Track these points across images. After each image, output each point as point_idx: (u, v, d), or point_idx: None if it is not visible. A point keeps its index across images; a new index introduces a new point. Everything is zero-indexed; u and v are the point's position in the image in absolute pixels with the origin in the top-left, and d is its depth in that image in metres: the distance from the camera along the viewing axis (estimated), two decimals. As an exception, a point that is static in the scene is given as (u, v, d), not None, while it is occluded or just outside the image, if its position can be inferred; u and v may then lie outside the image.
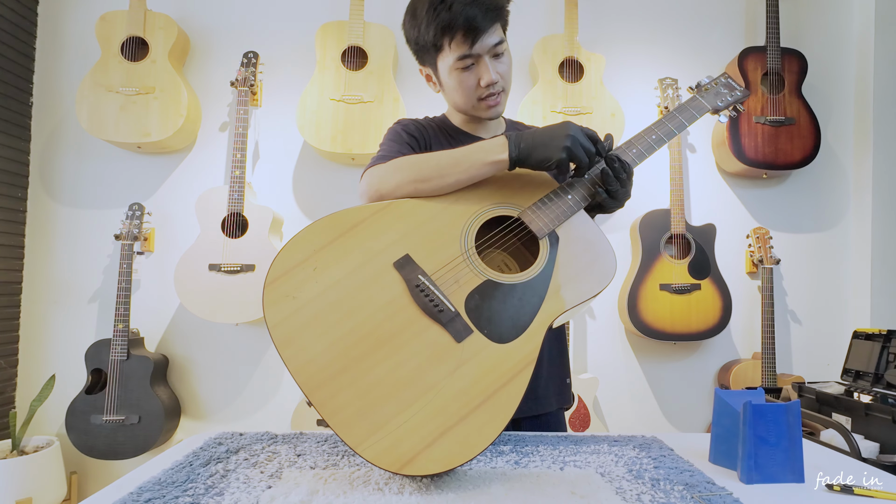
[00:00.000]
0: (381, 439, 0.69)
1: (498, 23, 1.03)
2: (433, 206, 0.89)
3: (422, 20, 1.03)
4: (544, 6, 2.62)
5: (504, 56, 1.07)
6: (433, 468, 0.68)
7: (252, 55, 2.41)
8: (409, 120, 1.17)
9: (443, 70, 1.07)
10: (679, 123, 1.01)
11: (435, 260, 0.83)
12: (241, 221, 2.30)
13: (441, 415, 0.71)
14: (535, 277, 0.84)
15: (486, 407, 0.72)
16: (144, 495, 0.68)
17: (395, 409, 0.71)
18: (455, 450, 0.69)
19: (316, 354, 0.74)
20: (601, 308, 2.56)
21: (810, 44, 2.63)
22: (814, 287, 2.61)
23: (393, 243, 0.83)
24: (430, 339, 0.76)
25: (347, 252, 0.81)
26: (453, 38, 1.01)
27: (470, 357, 0.75)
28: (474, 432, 0.70)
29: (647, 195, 2.57)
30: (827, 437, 1.71)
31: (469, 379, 0.74)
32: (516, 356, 0.76)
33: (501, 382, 0.74)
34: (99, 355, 2.26)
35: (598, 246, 0.89)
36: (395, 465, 0.68)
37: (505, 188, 0.93)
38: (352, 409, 0.71)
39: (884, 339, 1.87)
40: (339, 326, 0.76)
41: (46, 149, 2.53)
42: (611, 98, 2.42)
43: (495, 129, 1.20)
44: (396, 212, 0.87)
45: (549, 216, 0.90)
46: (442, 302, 0.79)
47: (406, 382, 0.73)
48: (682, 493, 0.70)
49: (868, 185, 2.51)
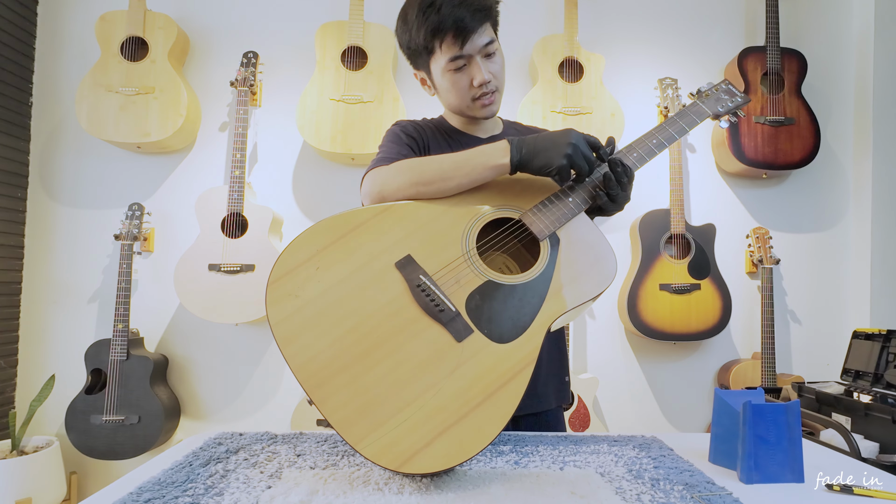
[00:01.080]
0: (381, 437, 0.69)
1: (487, 22, 1.04)
2: (435, 207, 0.89)
3: (412, 24, 1.04)
4: (544, 6, 2.62)
5: (496, 55, 1.07)
6: (432, 466, 0.68)
7: (252, 55, 2.41)
8: (407, 121, 1.18)
9: (436, 72, 1.08)
10: (680, 128, 1.02)
11: (436, 260, 0.83)
12: (241, 221, 2.30)
13: (441, 413, 0.71)
14: (535, 278, 0.84)
15: (486, 406, 0.72)
16: (144, 495, 0.68)
17: (395, 407, 0.71)
18: (454, 448, 0.69)
19: (317, 352, 0.74)
20: (601, 308, 2.56)
21: (810, 44, 2.63)
22: (813, 287, 2.61)
23: (395, 244, 0.83)
24: (431, 339, 0.76)
25: (350, 252, 0.81)
26: (443, 40, 1.02)
27: (470, 357, 0.75)
28: (474, 431, 0.70)
29: (647, 195, 2.57)
30: (827, 437, 1.71)
31: (469, 378, 0.74)
32: (516, 356, 0.76)
33: (501, 382, 0.74)
34: (99, 355, 2.25)
35: (599, 248, 0.89)
36: (395, 463, 0.68)
37: (507, 191, 0.93)
38: (352, 406, 0.71)
39: (883, 338, 1.87)
40: (340, 325, 0.76)
41: (46, 149, 2.53)
42: (610, 98, 2.42)
43: (492, 129, 1.20)
44: (398, 213, 0.87)
45: (549, 218, 0.90)
46: (443, 301, 0.79)
47: (406, 381, 0.73)
48: (681, 493, 0.70)
49: (868, 184, 2.51)
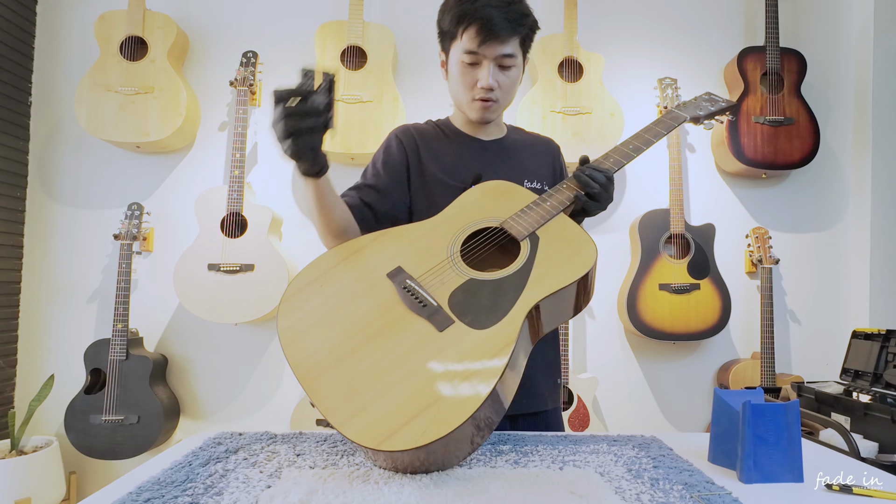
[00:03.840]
0: (364, 419, 0.73)
1: (516, 36, 1.06)
2: (425, 225, 0.99)
3: (450, 6, 1.08)
4: (544, 6, 2.62)
5: (511, 70, 1.09)
6: (410, 443, 0.69)
7: (251, 55, 2.41)
8: (403, 127, 1.21)
9: (453, 59, 1.11)
10: (656, 133, 1.09)
11: (423, 267, 0.90)
12: (241, 221, 2.30)
13: (421, 394, 0.74)
14: (515, 272, 0.87)
15: (465, 385, 0.74)
16: (143, 495, 0.68)
17: (379, 392, 0.75)
18: (432, 425, 0.70)
19: (314, 351, 0.81)
20: (601, 308, 2.56)
21: (809, 44, 2.63)
22: (813, 287, 2.61)
23: (388, 259, 0.92)
24: (414, 331, 0.81)
25: (349, 270, 0.91)
26: (466, 30, 1.05)
27: (450, 343, 0.79)
28: (452, 408, 0.72)
29: (647, 195, 2.57)
30: (826, 436, 1.71)
31: (449, 361, 0.77)
32: (496, 338, 0.78)
33: (481, 362, 0.76)
34: (98, 355, 2.25)
35: (578, 240, 0.92)
36: (374, 442, 0.70)
37: (492, 207, 1.01)
38: (339, 394, 0.76)
39: (883, 338, 1.88)
40: (335, 328, 0.83)
41: (45, 148, 2.52)
42: (610, 98, 2.42)
43: (496, 133, 1.22)
44: (392, 234, 0.97)
45: (528, 221, 0.95)
46: (426, 298, 0.84)
47: (390, 369, 0.77)
48: (681, 493, 0.70)
49: (867, 184, 2.52)
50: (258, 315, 2.25)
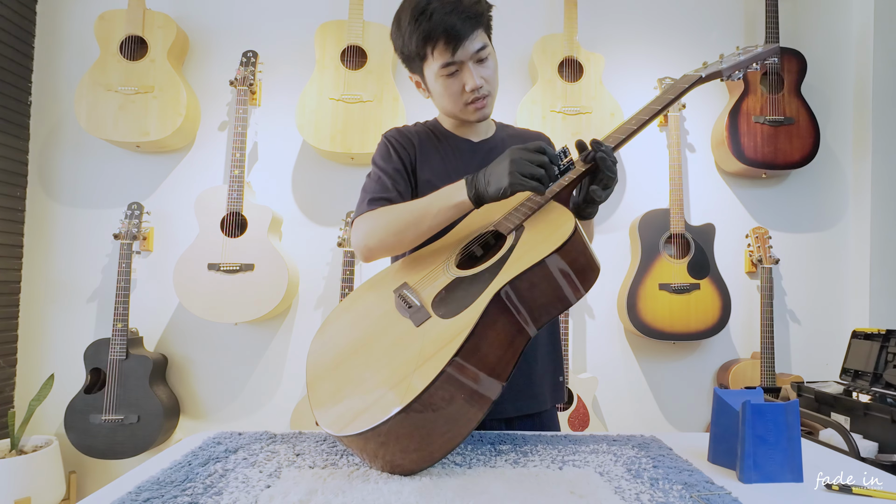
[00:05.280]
0: (335, 408, 0.79)
1: (479, 28, 1.05)
2: (436, 244, 1.04)
3: (405, 30, 1.05)
4: (544, 6, 2.62)
5: (488, 60, 1.09)
6: (367, 424, 0.73)
7: (251, 54, 2.41)
8: (395, 130, 1.20)
9: (429, 77, 1.10)
10: (663, 99, 1.01)
11: (419, 275, 0.96)
12: (241, 221, 2.30)
13: (387, 381, 0.78)
14: (494, 263, 0.88)
15: (425, 367, 0.76)
16: (143, 495, 0.68)
17: (355, 384, 0.81)
18: (388, 405, 0.73)
19: (324, 360, 0.90)
20: (600, 308, 2.56)
21: (809, 44, 2.63)
22: (813, 287, 2.61)
23: (399, 278, 0.99)
24: (397, 330, 0.87)
25: (371, 293, 1.00)
26: (435, 47, 1.04)
27: (423, 335, 0.83)
28: (409, 387, 0.75)
29: (647, 195, 2.57)
30: (826, 436, 1.71)
31: (416, 349, 0.81)
32: (459, 323, 0.80)
33: (440, 345, 0.78)
34: (98, 355, 2.25)
35: (558, 220, 0.89)
36: (336, 428, 0.75)
37: (493, 213, 1.02)
38: (329, 391, 0.83)
39: (882, 338, 1.87)
40: (344, 339, 0.92)
41: (45, 148, 2.52)
42: (610, 98, 2.42)
43: (485, 132, 1.22)
44: (411, 257, 1.04)
45: (516, 217, 0.95)
46: (412, 300, 0.89)
47: (369, 365, 0.83)
48: (680, 493, 0.70)
49: (867, 184, 2.52)
50: (258, 315, 2.25)
